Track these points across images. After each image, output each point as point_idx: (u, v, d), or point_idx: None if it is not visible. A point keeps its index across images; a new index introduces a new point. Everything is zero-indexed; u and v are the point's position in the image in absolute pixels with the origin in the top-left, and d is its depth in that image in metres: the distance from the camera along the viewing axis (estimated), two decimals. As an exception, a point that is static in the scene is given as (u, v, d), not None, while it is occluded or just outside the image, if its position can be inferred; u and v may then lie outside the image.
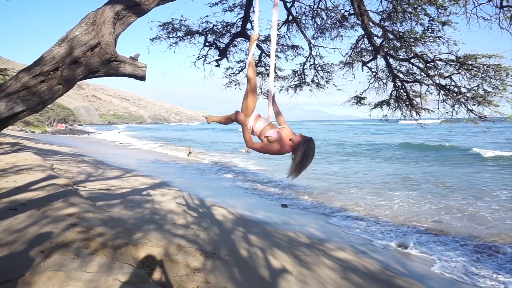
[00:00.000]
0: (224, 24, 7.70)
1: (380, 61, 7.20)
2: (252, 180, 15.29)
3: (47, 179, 7.68)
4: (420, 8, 5.40)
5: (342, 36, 7.53)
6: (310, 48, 7.91)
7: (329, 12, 7.24)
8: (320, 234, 7.37)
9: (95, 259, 3.77)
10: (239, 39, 7.86)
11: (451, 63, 5.88)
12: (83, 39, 2.81)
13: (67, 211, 5.23)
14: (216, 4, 7.34)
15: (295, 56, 8.23)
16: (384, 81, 7.59)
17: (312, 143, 2.77)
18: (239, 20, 7.44)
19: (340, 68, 7.92)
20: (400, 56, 6.54)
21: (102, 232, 4.60)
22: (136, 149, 30.90)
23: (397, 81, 7.08)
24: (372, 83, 7.70)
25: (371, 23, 6.29)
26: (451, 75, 6.02)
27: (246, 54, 8.25)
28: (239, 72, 8.61)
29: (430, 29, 5.68)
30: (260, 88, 8.41)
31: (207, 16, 7.60)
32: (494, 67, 5.34)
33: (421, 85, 6.70)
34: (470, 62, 5.55)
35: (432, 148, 28.53)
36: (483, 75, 5.54)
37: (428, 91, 6.70)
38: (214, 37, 7.92)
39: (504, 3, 5.16)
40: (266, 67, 8.27)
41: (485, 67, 5.46)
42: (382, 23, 6.36)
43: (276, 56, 8.12)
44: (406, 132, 52.49)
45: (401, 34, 6.19)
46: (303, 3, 7.38)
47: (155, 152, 27.31)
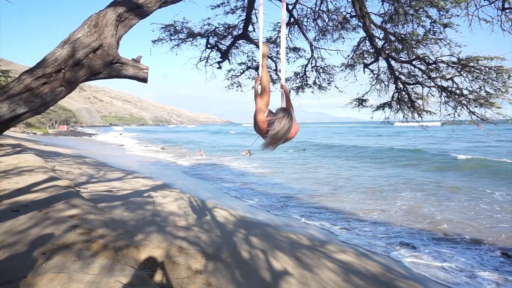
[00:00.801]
0: (226, 26, 7.71)
1: (382, 63, 7.19)
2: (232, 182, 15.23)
3: (49, 180, 7.70)
4: (421, 10, 5.40)
5: (343, 38, 7.53)
6: (312, 50, 7.91)
7: (330, 14, 7.24)
8: (321, 236, 7.35)
9: (96, 260, 3.77)
10: (240, 41, 7.87)
11: (453, 65, 5.87)
12: (85, 41, 2.82)
13: (69, 213, 5.24)
14: (218, 6, 7.35)
15: (297, 58, 8.23)
16: (386, 83, 7.58)
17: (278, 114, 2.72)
18: (241, 22, 7.45)
19: (341, 70, 7.92)
20: (401, 58, 6.54)
21: (103, 233, 4.61)
22: (137, 154, 30.42)
23: (398, 83, 7.07)
24: (373, 85, 7.69)
25: (372, 25, 6.29)
26: (453, 77, 6.01)
27: (247, 57, 8.27)
28: (240, 74, 8.61)
29: (431, 31, 5.68)
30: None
31: (209, 18, 7.60)
32: (496, 69, 5.33)
33: (423, 87, 6.69)
34: (472, 64, 5.54)
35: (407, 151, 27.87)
36: (485, 77, 5.53)
37: (430, 93, 6.69)
38: (216, 39, 7.93)
39: (506, 5, 5.16)
40: (267, 69, 8.27)
41: (487, 69, 5.45)
42: (384, 25, 6.36)
43: (278, 58, 8.13)
44: (402, 135, 52.61)
45: (402, 36, 6.19)
46: (304, 5, 7.39)
47: (159, 156, 27.01)
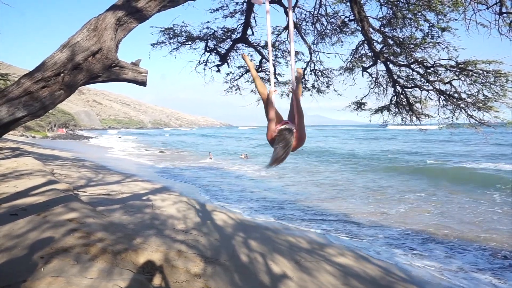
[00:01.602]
0: (224, 29, 7.74)
1: (380, 66, 7.22)
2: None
3: (48, 184, 7.68)
4: (419, 14, 5.43)
5: (342, 41, 7.56)
6: (311, 54, 7.94)
7: (329, 18, 7.28)
8: (321, 239, 7.34)
9: (95, 264, 3.76)
10: (239, 45, 7.90)
11: (451, 69, 5.90)
12: (84, 44, 2.83)
13: (67, 216, 5.22)
14: (217, 10, 7.38)
15: (296, 61, 8.24)
16: (384, 86, 7.60)
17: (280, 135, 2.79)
18: (239, 26, 7.47)
19: (340, 73, 7.94)
20: (400, 62, 6.56)
21: (102, 237, 4.60)
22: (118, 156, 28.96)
23: (397, 86, 7.09)
24: (372, 88, 7.72)
25: (371, 29, 6.32)
26: (451, 80, 6.04)
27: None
28: (239, 78, 8.63)
29: (430, 35, 5.71)
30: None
31: (208, 22, 7.64)
32: (494, 73, 5.36)
33: (421, 90, 6.71)
34: (470, 68, 5.57)
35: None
36: (483, 81, 5.56)
37: (428, 97, 6.71)
38: (214, 42, 7.95)
39: (504, 10, 5.19)
40: (267, 73, 8.30)
41: (485, 73, 5.47)
42: (382, 29, 6.39)
43: (276, 61, 8.16)
44: (394, 138, 52.81)
45: (401, 40, 6.22)
46: (303, 9, 7.42)
47: (139, 160, 25.68)
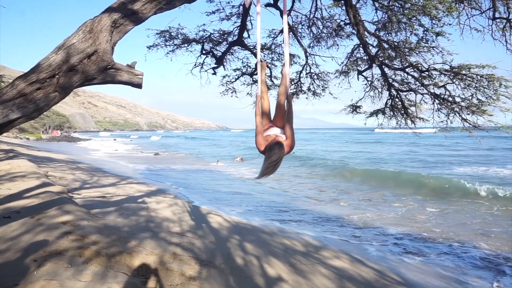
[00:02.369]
0: (221, 32, 7.76)
1: (376, 70, 7.28)
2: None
3: (42, 186, 7.63)
4: (414, 18, 5.48)
5: (338, 45, 7.62)
6: (306, 57, 7.98)
7: (325, 22, 7.33)
8: (316, 242, 7.34)
9: (89, 267, 3.74)
10: (235, 48, 7.92)
11: (446, 73, 5.96)
12: (80, 46, 2.83)
13: (61, 219, 5.19)
14: (213, 13, 7.40)
15: (291, 64, 8.29)
16: (380, 90, 7.65)
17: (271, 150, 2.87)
18: (236, 28, 7.50)
19: (336, 76, 7.99)
20: (395, 66, 6.62)
21: (96, 240, 4.57)
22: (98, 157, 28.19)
23: (392, 90, 7.15)
24: (367, 91, 7.77)
25: (366, 33, 6.37)
26: (446, 84, 6.09)
27: (242, 63, 8.31)
28: (235, 80, 8.65)
29: (424, 39, 5.78)
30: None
31: (204, 24, 7.65)
32: (487, 77, 5.42)
33: (416, 94, 6.76)
34: (464, 72, 5.63)
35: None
36: (476, 85, 5.62)
37: (423, 100, 6.77)
38: (211, 45, 7.97)
39: (497, 15, 5.26)
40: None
41: (478, 77, 5.53)
42: (377, 33, 6.44)
43: (272, 64, 8.18)
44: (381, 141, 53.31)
45: (396, 44, 6.28)
46: (299, 13, 7.47)
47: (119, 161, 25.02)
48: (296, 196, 13.71)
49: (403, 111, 7.18)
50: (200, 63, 8.29)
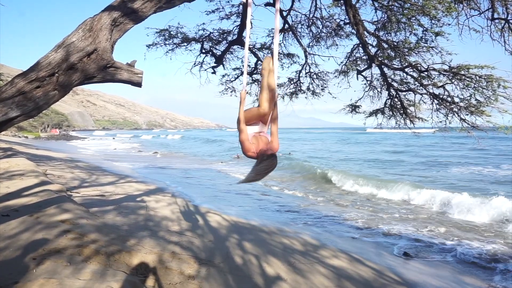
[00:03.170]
0: (220, 31, 7.76)
1: (375, 70, 7.29)
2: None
3: (40, 185, 7.62)
4: (414, 18, 5.50)
5: (337, 45, 7.62)
6: (306, 56, 7.98)
7: (324, 21, 7.34)
8: (315, 241, 7.35)
9: (88, 266, 3.74)
10: (235, 47, 7.91)
11: (444, 73, 5.98)
12: (79, 45, 2.83)
13: (60, 218, 5.18)
14: (213, 12, 7.40)
15: (291, 64, 8.29)
16: (379, 89, 7.67)
17: (266, 161, 2.78)
18: (235, 27, 7.49)
19: (335, 76, 8.00)
20: (394, 65, 6.63)
21: (95, 238, 4.57)
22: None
23: (391, 90, 7.16)
24: (367, 91, 7.78)
25: (366, 33, 6.38)
26: (445, 84, 6.11)
27: (242, 62, 8.31)
28: (235, 79, 8.65)
29: (423, 39, 5.79)
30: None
31: (203, 23, 7.64)
32: (486, 77, 5.44)
33: (415, 94, 6.78)
34: (463, 72, 5.65)
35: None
36: (475, 85, 5.64)
37: (422, 100, 6.78)
38: (210, 44, 7.96)
39: (496, 16, 5.27)
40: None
41: (477, 77, 5.55)
42: (377, 33, 6.45)
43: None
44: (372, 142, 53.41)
45: (395, 43, 6.29)
46: (299, 12, 7.47)
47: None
48: (294, 195, 13.73)
49: (402, 111, 7.19)
50: (199, 62, 8.29)
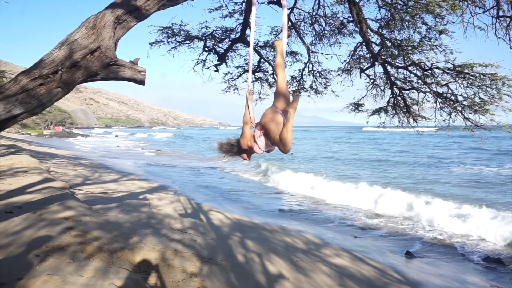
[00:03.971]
0: (223, 29, 7.73)
1: (378, 68, 7.25)
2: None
3: (44, 182, 7.65)
4: (417, 16, 5.45)
5: (340, 43, 7.58)
6: (309, 55, 7.95)
7: (327, 19, 7.29)
8: (317, 240, 7.35)
9: (91, 263, 3.75)
10: (238, 45, 7.89)
11: (448, 72, 5.93)
12: (83, 42, 2.82)
13: (63, 215, 5.20)
14: (216, 9, 7.38)
15: (294, 62, 8.25)
16: (382, 88, 7.63)
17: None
18: (238, 25, 7.47)
19: (338, 74, 7.96)
20: (397, 64, 6.59)
21: (98, 236, 4.58)
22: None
23: (394, 88, 7.12)
24: (370, 90, 7.74)
25: (369, 31, 6.34)
26: (448, 83, 6.07)
27: (245, 60, 8.30)
28: (237, 77, 8.63)
29: (427, 37, 5.74)
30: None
31: (206, 21, 7.62)
32: (490, 76, 5.39)
33: (418, 92, 6.74)
34: (466, 71, 5.60)
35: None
36: (479, 84, 5.59)
37: (425, 99, 6.74)
38: (213, 42, 7.94)
39: (501, 13, 5.23)
40: (265, 73, 8.31)
41: (481, 76, 5.50)
42: (380, 31, 6.41)
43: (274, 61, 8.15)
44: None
45: (399, 42, 6.25)
46: (302, 10, 7.43)
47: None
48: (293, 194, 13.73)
49: (405, 110, 7.15)
50: (202, 60, 8.27)
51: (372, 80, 7.64)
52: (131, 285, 3.40)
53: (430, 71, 6.14)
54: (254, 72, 8.28)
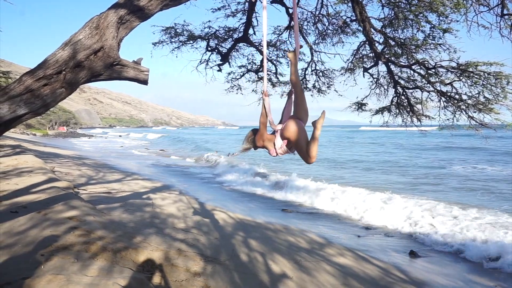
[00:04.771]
0: (226, 29, 7.75)
1: (382, 67, 7.23)
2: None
3: (48, 181, 7.69)
4: (421, 15, 5.43)
5: (343, 42, 7.58)
6: (312, 54, 7.95)
7: (330, 18, 7.28)
8: (320, 239, 7.35)
9: (95, 262, 3.77)
10: (241, 44, 7.90)
11: (452, 70, 5.91)
12: (86, 43, 2.84)
13: (68, 214, 5.23)
14: (219, 9, 7.39)
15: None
16: (385, 87, 7.61)
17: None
18: (241, 25, 7.48)
19: (341, 74, 7.96)
20: (401, 63, 6.57)
21: (102, 235, 4.60)
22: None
23: (398, 87, 7.10)
24: (373, 89, 7.72)
25: (372, 30, 6.32)
26: (452, 82, 6.04)
27: (248, 60, 8.31)
28: (240, 77, 8.64)
29: (431, 36, 5.72)
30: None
31: (209, 21, 7.64)
32: (495, 74, 5.36)
33: (422, 91, 6.71)
34: (471, 70, 5.57)
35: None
36: (484, 83, 5.56)
37: (429, 98, 6.72)
38: (216, 42, 7.96)
39: (505, 12, 5.19)
40: (268, 72, 8.32)
41: (486, 74, 5.47)
42: (384, 30, 6.39)
43: (278, 61, 8.17)
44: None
45: (402, 40, 6.23)
46: (305, 9, 7.43)
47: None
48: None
49: (409, 109, 7.13)
50: (205, 60, 8.29)
51: (375, 79, 7.62)
52: (135, 284, 3.41)
53: (434, 70, 6.11)
54: (256, 71, 8.29)
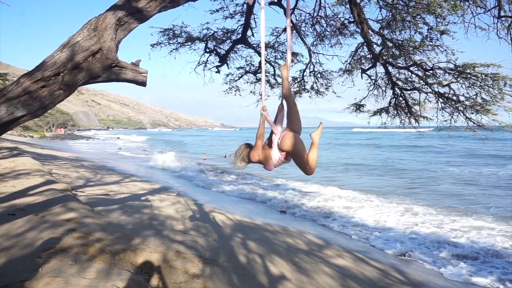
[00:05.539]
0: (224, 30, 7.75)
1: (379, 68, 7.25)
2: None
3: (46, 184, 7.66)
4: (419, 17, 5.45)
5: (341, 43, 7.59)
6: (310, 55, 7.96)
7: (328, 20, 7.30)
8: (319, 240, 7.34)
9: (93, 265, 3.75)
10: (239, 46, 7.91)
11: (450, 72, 5.93)
12: (84, 44, 2.83)
13: (66, 216, 5.21)
14: (217, 11, 7.39)
15: (295, 63, 8.27)
16: (383, 88, 7.63)
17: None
18: (239, 27, 7.49)
19: (339, 75, 7.97)
20: (399, 64, 6.59)
21: (100, 237, 4.59)
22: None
23: (396, 88, 7.12)
24: (371, 90, 7.74)
25: (370, 31, 6.34)
26: (450, 83, 6.06)
27: (246, 61, 8.32)
28: (239, 79, 8.65)
29: (429, 37, 5.74)
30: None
31: (207, 22, 7.64)
32: (492, 76, 5.38)
33: (420, 93, 6.73)
34: (468, 71, 5.60)
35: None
36: (481, 84, 5.58)
37: (427, 99, 6.74)
38: (214, 43, 7.96)
39: (502, 13, 5.22)
40: (266, 74, 8.32)
41: (483, 76, 5.50)
42: (382, 31, 6.41)
43: (276, 63, 8.17)
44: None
45: (400, 42, 6.25)
46: (303, 11, 7.45)
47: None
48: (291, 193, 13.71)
49: (406, 110, 7.15)
50: (203, 61, 8.29)
51: (373, 81, 7.64)
52: (133, 286, 3.40)
53: (431, 72, 6.14)
54: (255, 73, 8.29)
